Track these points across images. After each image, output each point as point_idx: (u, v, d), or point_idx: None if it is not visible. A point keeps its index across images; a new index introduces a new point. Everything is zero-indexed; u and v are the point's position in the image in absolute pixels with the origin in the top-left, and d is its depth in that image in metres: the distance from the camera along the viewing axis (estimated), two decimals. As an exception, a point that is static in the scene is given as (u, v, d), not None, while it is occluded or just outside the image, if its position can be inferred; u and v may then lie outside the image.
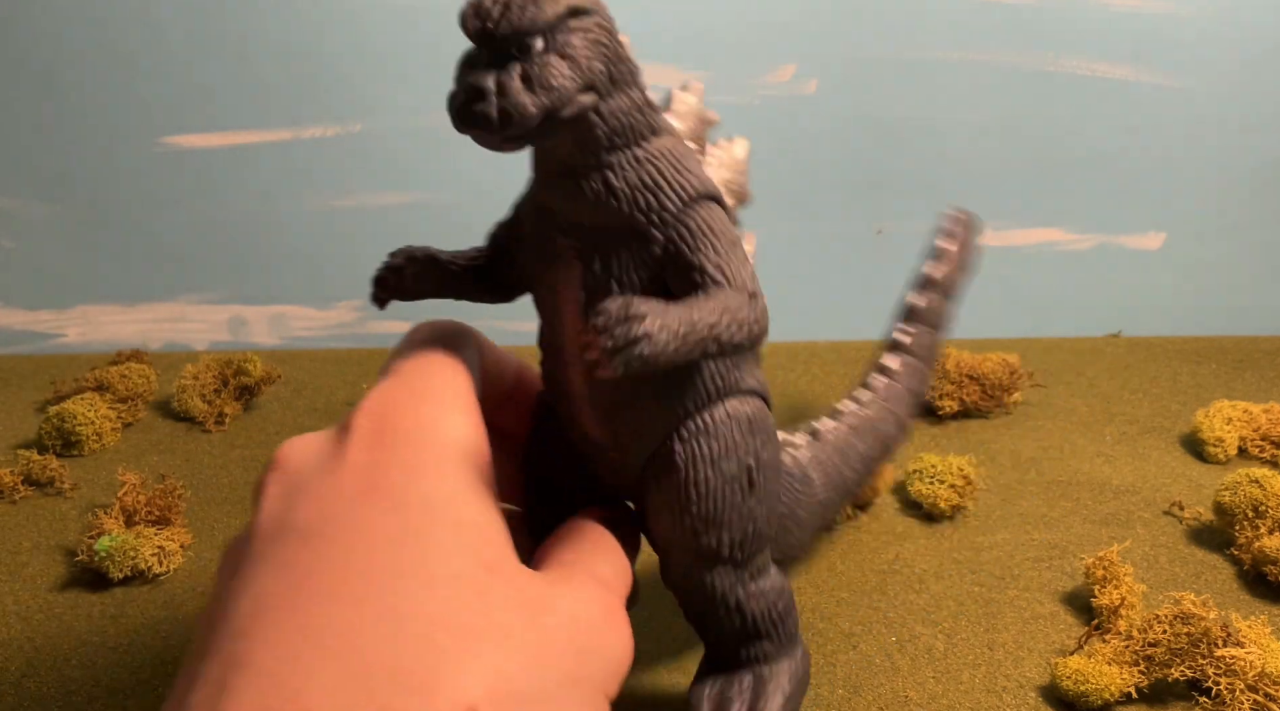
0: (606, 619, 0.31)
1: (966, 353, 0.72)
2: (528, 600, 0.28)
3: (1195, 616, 0.45)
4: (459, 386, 0.32)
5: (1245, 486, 0.55)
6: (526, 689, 0.26)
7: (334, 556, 0.26)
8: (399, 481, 0.28)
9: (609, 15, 0.31)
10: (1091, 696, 0.44)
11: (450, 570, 0.27)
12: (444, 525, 0.27)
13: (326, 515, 0.27)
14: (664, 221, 0.32)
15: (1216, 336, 0.84)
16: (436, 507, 0.28)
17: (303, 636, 0.24)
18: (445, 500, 0.28)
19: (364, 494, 0.27)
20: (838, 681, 0.47)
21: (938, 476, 0.59)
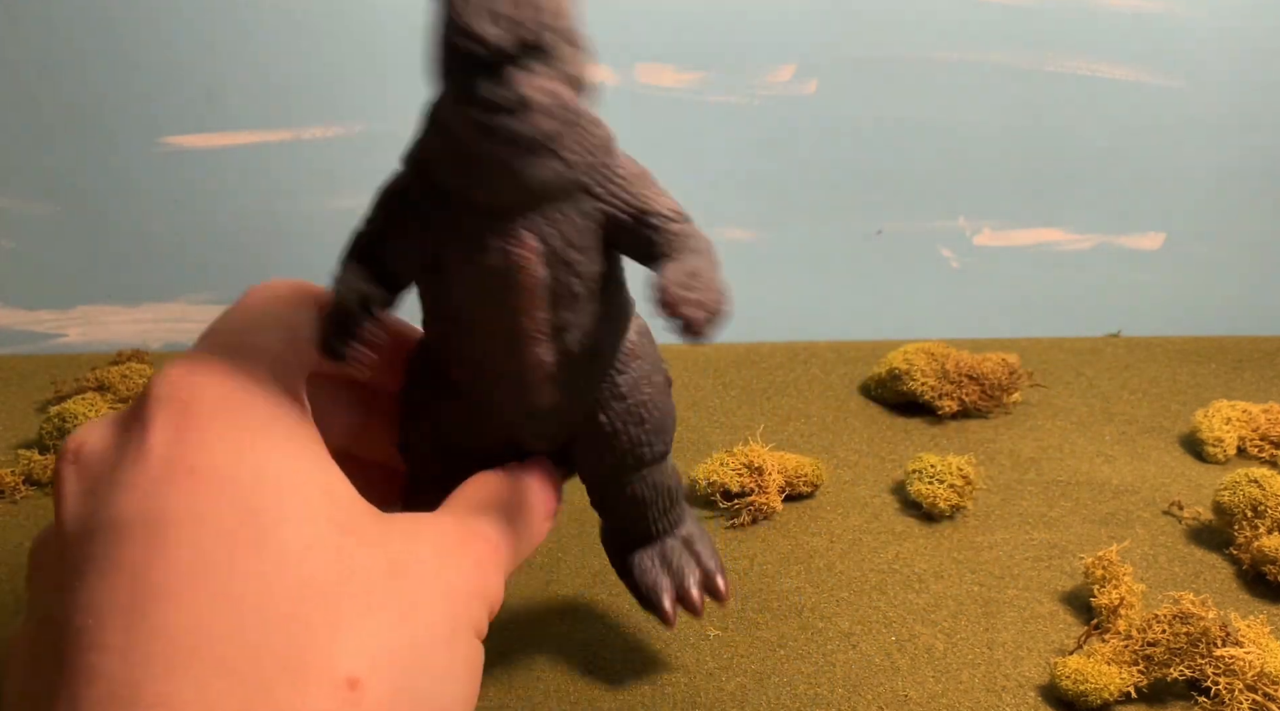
0: (475, 564, 0.29)
1: (966, 352, 0.72)
2: (390, 556, 0.27)
3: (1194, 616, 0.45)
4: (274, 348, 0.29)
5: (1244, 486, 0.55)
6: (403, 648, 0.25)
7: (169, 549, 0.24)
8: (222, 459, 0.26)
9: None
10: (1091, 696, 0.44)
11: (302, 541, 0.25)
12: (284, 495, 0.26)
13: (147, 506, 0.25)
14: (605, 178, 0.32)
15: (1216, 336, 0.84)
16: (271, 479, 0.26)
17: (155, 638, 0.23)
18: (279, 470, 0.26)
19: (184, 477, 0.25)
20: (837, 681, 0.47)
21: (937, 476, 0.59)
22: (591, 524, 0.59)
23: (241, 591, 0.24)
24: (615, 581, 0.54)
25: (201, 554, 0.24)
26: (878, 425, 0.70)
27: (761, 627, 0.51)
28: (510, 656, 0.49)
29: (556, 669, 0.48)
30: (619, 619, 0.51)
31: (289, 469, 0.26)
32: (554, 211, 0.31)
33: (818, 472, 0.61)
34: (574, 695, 0.46)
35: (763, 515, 0.59)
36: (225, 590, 0.24)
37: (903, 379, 0.71)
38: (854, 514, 0.60)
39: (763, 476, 0.59)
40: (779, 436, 0.68)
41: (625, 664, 0.48)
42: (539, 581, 0.54)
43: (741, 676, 0.47)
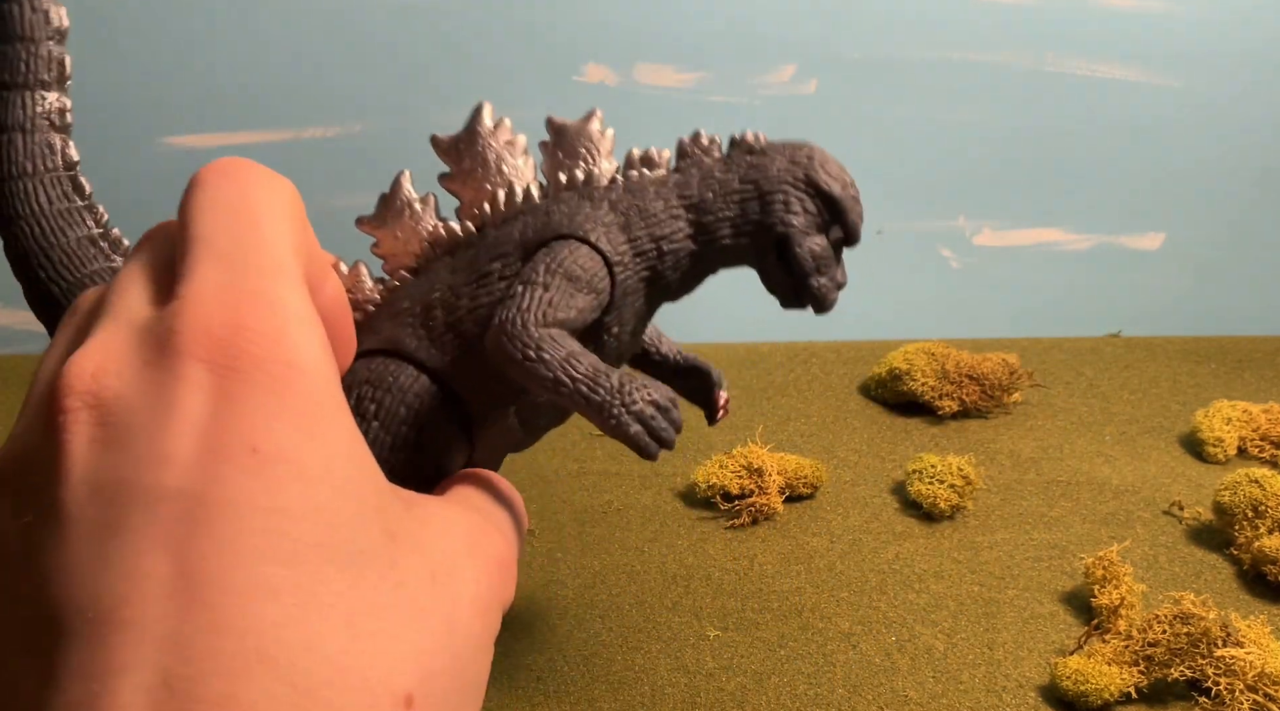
0: (505, 564, 0.29)
1: (966, 352, 0.72)
2: (433, 565, 0.26)
3: (1195, 616, 0.45)
4: (304, 285, 0.26)
5: (1245, 486, 0.55)
6: (448, 661, 0.25)
7: (232, 538, 0.22)
8: (291, 448, 0.23)
9: None
10: (1091, 696, 0.44)
11: (357, 546, 0.24)
12: (344, 495, 0.24)
13: (198, 483, 0.22)
14: None
15: (1216, 336, 0.84)
16: (335, 473, 0.24)
17: (220, 634, 0.21)
18: (345, 463, 0.24)
19: (245, 457, 0.23)
20: (838, 681, 0.47)
21: (938, 476, 0.59)
22: (591, 524, 0.59)
23: (308, 597, 0.22)
24: (615, 581, 0.54)
25: (268, 549, 0.22)
26: (878, 425, 0.70)
27: (761, 627, 0.51)
28: (510, 656, 0.49)
29: (556, 669, 0.48)
30: (619, 619, 0.51)
31: (346, 462, 0.24)
32: None
33: (818, 473, 0.61)
34: (574, 695, 0.46)
35: (763, 516, 0.59)
36: (293, 593, 0.22)
37: (903, 379, 0.71)
38: (854, 514, 0.60)
39: (763, 477, 0.59)
40: (779, 436, 0.68)
41: (625, 664, 0.48)
42: (539, 581, 0.54)
43: (741, 676, 0.47)
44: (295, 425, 0.23)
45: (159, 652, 0.21)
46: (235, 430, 0.23)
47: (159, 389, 0.23)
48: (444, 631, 0.25)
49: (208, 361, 0.23)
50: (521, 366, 0.32)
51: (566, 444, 0.67)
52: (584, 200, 0.35)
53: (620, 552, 0.56)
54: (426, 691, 0.24)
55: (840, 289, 0.36)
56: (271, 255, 0.25)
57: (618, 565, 0.55)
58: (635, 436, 0.31)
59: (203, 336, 0.23)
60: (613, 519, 0.60)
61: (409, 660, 0.23)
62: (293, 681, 0.21)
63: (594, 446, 0.67)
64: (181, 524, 0.22)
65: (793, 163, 0.35)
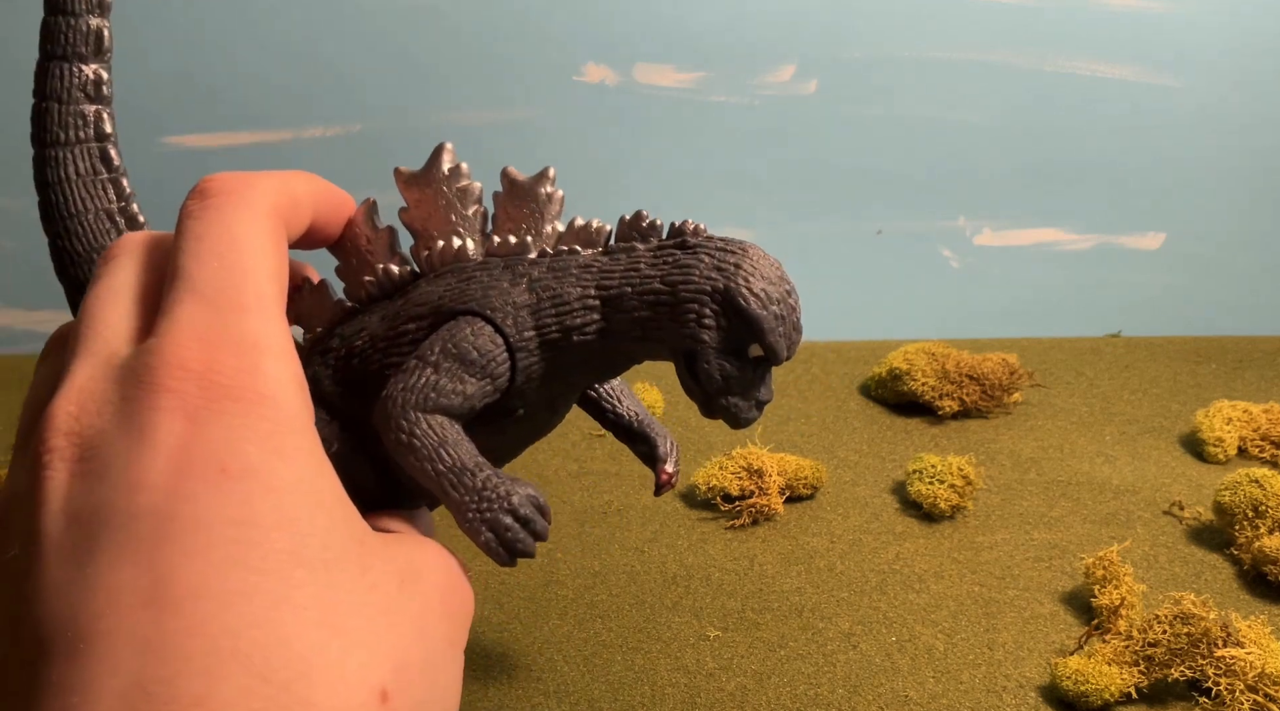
0: (461, 579, 0.30)
1: (966, 352, 0.72)
2: (400, 570, 0.27)
3: (1195, 616, 0.45)
4: (282, 317, 0.28)
5: (1245, 486, 0.55)
6: (418, 659, 0.26)
7: (199, 549, 0.23)
8: (260, 465, 0.25)
9: None
10: (1091, 696, 0.44)
11: (330, 553, 0.25)
12: (314, 505, 0.25)
13: (165, 501, 0.24)
14: None
15: (1216, 336, 0.84)
16: (304, 487, 0.25)
17: (192, 636, 0.22)
18: (312, 479, 0.26)
19: (216, 477, 0.24)
20: (838, 681, 0.47)
21: (938, 476, 0.59)
22: (591, 524, 0.59)
23: (280, 598, 0.23)
24: (615, 581, 0.54)
25: (239, 557, 0.23)
26: (878, 425, 0.70)
27: (762, 628, 0.51)
28: (510, 656, 0.49)
29: (556, 669, 0.48)
30: (619, 619, 0.51)
31: (314, 476, 0.26)
32: None
33: (818, 474, 0.61)
34: (574, 695, 0.46)
35: (763, 516, 0.59)
36: (264, 595, 0.23)
37: (903, 379, 0.71)
38: (854, 514, 0.60)
39: (763, 478, 0.59)
40: (779, 436, 0.68)
41: (625, 664, 0.48)
42: (539, 581, 0.54)
43: (741, 676, 0.47)
44: (263, 446, 0.25)
45: (135, 659, 0.22)
46: (205, 453, 0.24)
47: (137, 422, 0.25)
48: (415, 632, 0.26)
49: (182, 395, 0.25)
50: (395, 447, 0.31)
51: (566, 444, 0.67)
52: (506, 272, 0.33)
53: (620, 552, 0.56)
54: (401, 687, 0.24)
55: (761, 406, 0.33)
56: (252, 290, 0.27)
57: (618, 565, 0.55)
58: (485, 544, 0.30)
59: (178, 372, 0.25)
60: (613, 519, 0.60)
61: (383, 656, 0.24)
62: (267, 677, 0.22)
63: (594, 446, 0.67)
64: (154, 540, 0.23)
65: (717, 270, 0.32)
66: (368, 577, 0.26)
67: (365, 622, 0.25)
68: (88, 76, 0.41)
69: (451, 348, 0.32)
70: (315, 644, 0.23)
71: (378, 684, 0.24)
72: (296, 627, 0.23)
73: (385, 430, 0.32)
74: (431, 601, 0.27)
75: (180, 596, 0.23)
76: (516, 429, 0.35)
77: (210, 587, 0.23)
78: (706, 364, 0.32)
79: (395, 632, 0.25)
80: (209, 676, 0.22)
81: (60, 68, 0.41)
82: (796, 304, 0.33)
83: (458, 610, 0.29)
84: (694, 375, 0.33)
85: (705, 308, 0.32)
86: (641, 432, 0.41)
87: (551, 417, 0.36)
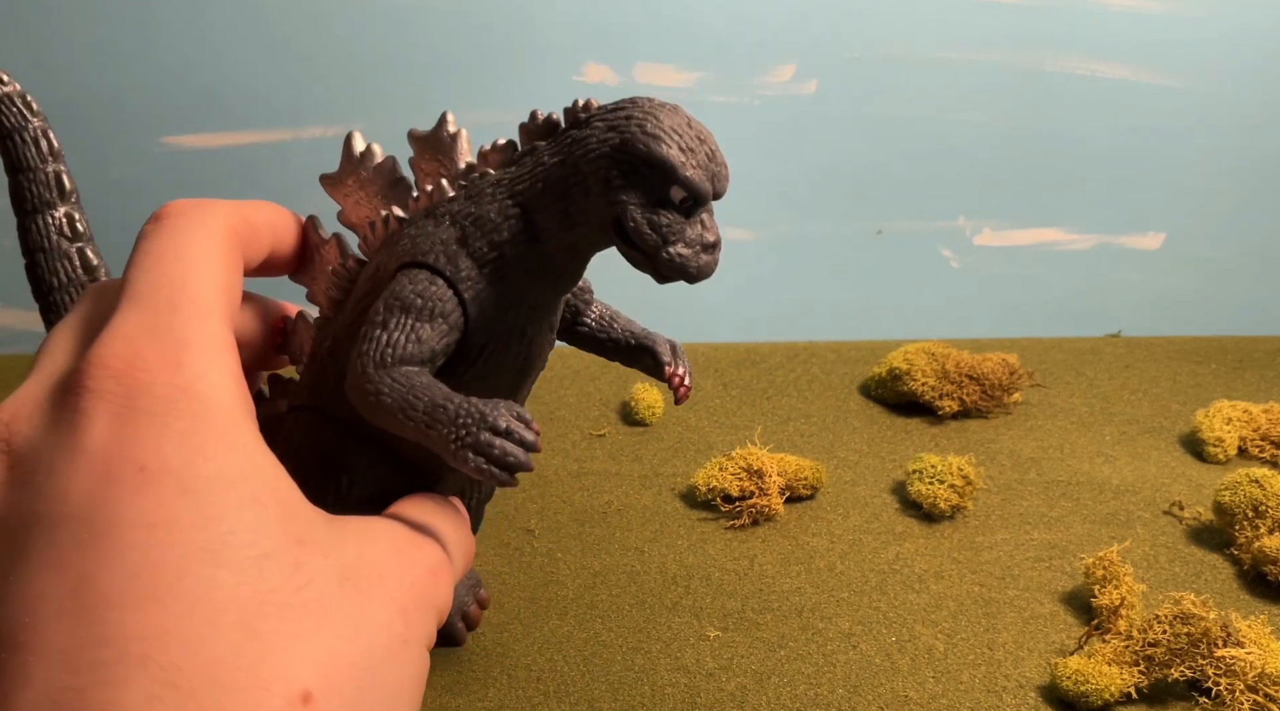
0: (428, 572, 0.29)
1: (966, 352, 0.72)
2: (344, 566, 0.26)
3: (1195, 616, 0.45)
4: (219, 319, 0.27)
5: (1245, 486, 0.55)
6: (357, 660, 0.25)
7: (115, 552, 0.23)
8: (178, 462, 0.24)
9: None
10: (1091, 696, 0.44)
11: (259, 550, 0.24)
12: (242, 503, 0.24)
13: (91, 505, 0.23)
14: None
15: (1216, 336, 0.84)
16: (231, 484, 0.24)
17: (103, 645, 0.22)
18: (239, 475, 0.25)
19: (132, 476, 0.24)
20: (838, 681, 0.47)
21: (938, 476, 0.59)
22: (591, 524, 0.59)
23: (194, 602, 0.23)
24: (615, 581, 0.54)
25: (154, 560, 0.23)
26: (878, 425, 0.70)
27: (762, 628, 0.51)
28: (510, 656, 0.49)
29: (556, 669, 0.48)
30: (619, 619, 0.51)
31: (241, 472, 0.25)
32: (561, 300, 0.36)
33: (818, 475, 0.61)
34: (574, 695, 0.46)
35: (763, 516, 0.59)
36: (178, 598, 0.23)
37: (903, 379, 0.71)
38: (854, 514, 0.60)
39: (763, 479, 0.59)
40: (779, 436, 0.68)
41: (625, 664, 0.48)
42: (539, 581, 0.54)
43: (741, 676, 0.47)
44: (183, 444, 0.24)
45: (49, 669, 0.22)
46: (125, 453, 0.24)
47: (64, 427, 0.25)
48: (352, 630, 0.25)
49: (105, 394, 0.25)
50: (369, 412, 0.31)
51: (566, 444, 0.67)
52: (428, 219, 0.33)
53: (620, 552, 0.56)
54: (329, 689, 0.24)
55: (711, 250, 0.31)
56: (189, 292, 0.27)
57: (618, 565, 0.55)
58: (476, 469, 0.29)
59: (100, 372, 0.25)
60: (613, 519, 0.60)
61: (309, 658, 0.24)
62: (176, 684, 0.22)
63: (594, 446, 0.67)
64: (74, 546, 0.23)
65: (611, 129, 0.31)
66: (300, 575, 0.25)
67: (289, 624, 0.24)
68: (61, 219, 0.46)
69: (395, 301, 0.32)
70: (231, 647, 0.23)
71: (299, 687, 0.23)
72: (210, 631, 0.23)
73: (356, 402, 0.31)
74: (380, 598, 0.26)
75: (94, 603, 0.22)
76: (498, 367, 0.34)
77: (124, 593, 0.23)
78: (633, 222, 0.31)
79: (327, 631, 0.24)
80: (115, 685, 0.22)
81: (35, 222, 0.46)
82: (707, 136, 0.31)
83: (418, 605, 0.28)
84: (628, 241, 0.31)
85: (610, 170, 0.31)
86: (639, 345, 0.40)
87: (529, 349, 0.35)
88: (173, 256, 0.28)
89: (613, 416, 0.71)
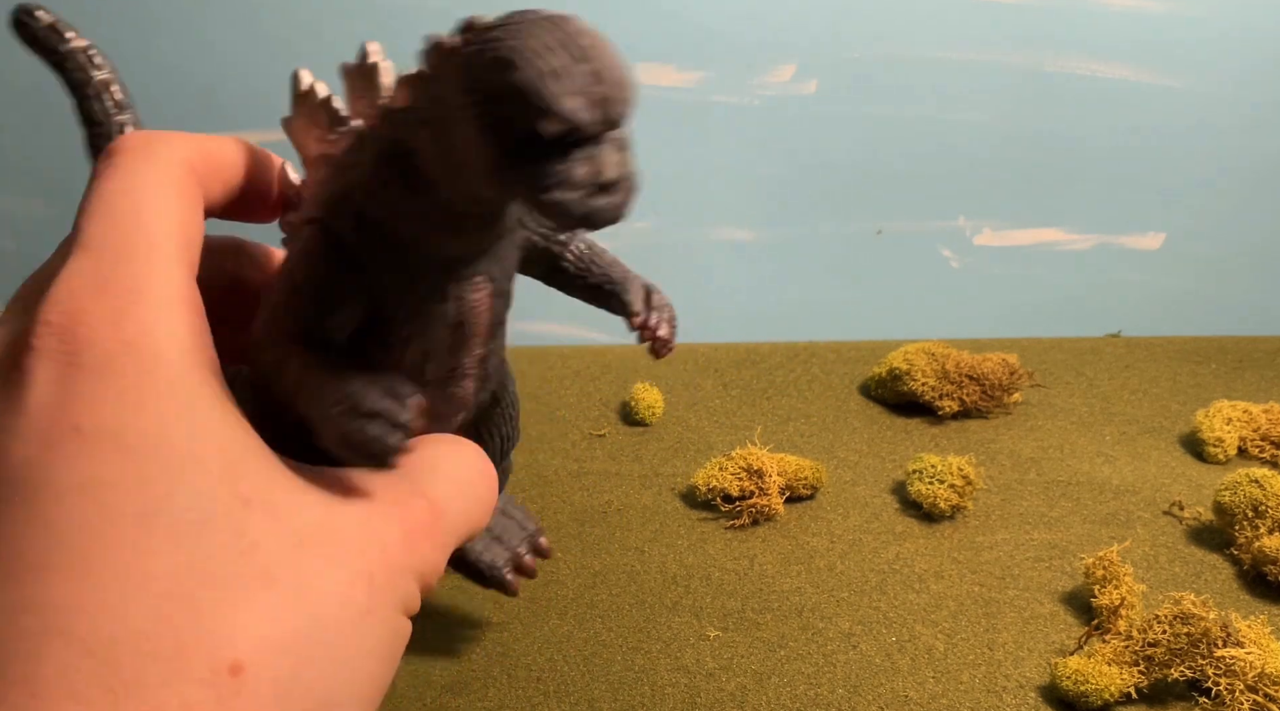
0: (405, 534, 0.26)
1: (966, 352, 0.72)
2: (299, 527, 0.24)
3: (1195, 616, 0.45)
4: (173, 265, 0.25)
5: (1245, 486, 0.55)
6: (299, 628, 0.23)
7: (46, 516, 0.22)
8: (114, 421, 0.23)
9: None
10: (1091, 696, 0.44)
11: (198, 514, 0.23)
12: (181, 462, 0.23)
13: (27, 468, 0.22)
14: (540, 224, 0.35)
15: (1216, 336, 0.84)
16: (172, 445, 0.23)
17: (25, 613, 0.21)
18: (183, 434, 0.23)
19: (68, 437, 0.23)
20: (838, 681, 0.47)
21: (938, 476, 0.59)
22: (591, 524, 0.59)
23: (123, 569, 0.22)
24: (615, 581, 0.54)
25: (84, 524, 0.22)
26: (878, 425, 0.70)
27: (762, 627, 0.51)
28: (510, 656, 0.49)
29: (556, 669, 0.48)
30: (619, 619, 0.51)
31: (186, 430, 0.23)
32: (501, 249, 0.31)
33: (818, 475, 0.61)
34: (574, 695, 0.46)
35: (763, 516, 0.59)
36: (105, 566, 0.22)
37: (903, 379, 0.71)
38: (854, 514, 0.60)
39: (763, 479, 0.59)
40: (779, 436, 0.68)
41: (625, 664, 0.48)
42: (539, 581, 0.54)
43: (741, 676, 0.47)
44: (122, 400, 0.23)
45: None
46: (63, 413, 0.23)
47: (10, 389, 0.23)
48: (294, 598, 0.23)
49: (48, 352, 0.23)
50: (264, 389, 0.28)
51: (566, 444, 0.68)
52: (331, 168, 0.30)
53: (620, 552, 0.56)
54: (265, 660, 0.23)
55: (611, 188, 0.25)
56: (141, 238, 0.25)
57: (618, 565, 0.55)
58: (349, 461, 0.26)
59: (44, 329, 0.24)
60: (613, 519, 0.60)
61: (242, 627, 0.22)
62: (96, 654, 0.21)
63: (594, 446, 0.67)
64: (9, 510, 0.22)
65: (464, 71, 0.25)
66: (243, 541, 0.23)
67: (225, 592, 0.23)
68: None
69: (286, 272, 0.29)
70: (157, 617, 0.22)
71: (228, 657, 0.22)
72: (138, 599, 0.22)
73: (254, 371, 0.29)
74: (337, 563, 0.24)
75: (21, 569, 0.22)
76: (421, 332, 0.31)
77: (51, 559, 0.22)
78: (503, 172, 0.25)
79: (266, 597, 0.23)
80: (34, 657, 0.21)
81: None
82: (596, 52, 0.26)
83: (389, 572, 0.25)
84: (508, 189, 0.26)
85: (470, 109, 0.25)
86: (610, 291, 0.37)
87: (459, 308, 0.30)
88: (123, 197, 0.26)
89: (613, 416, 0.71)
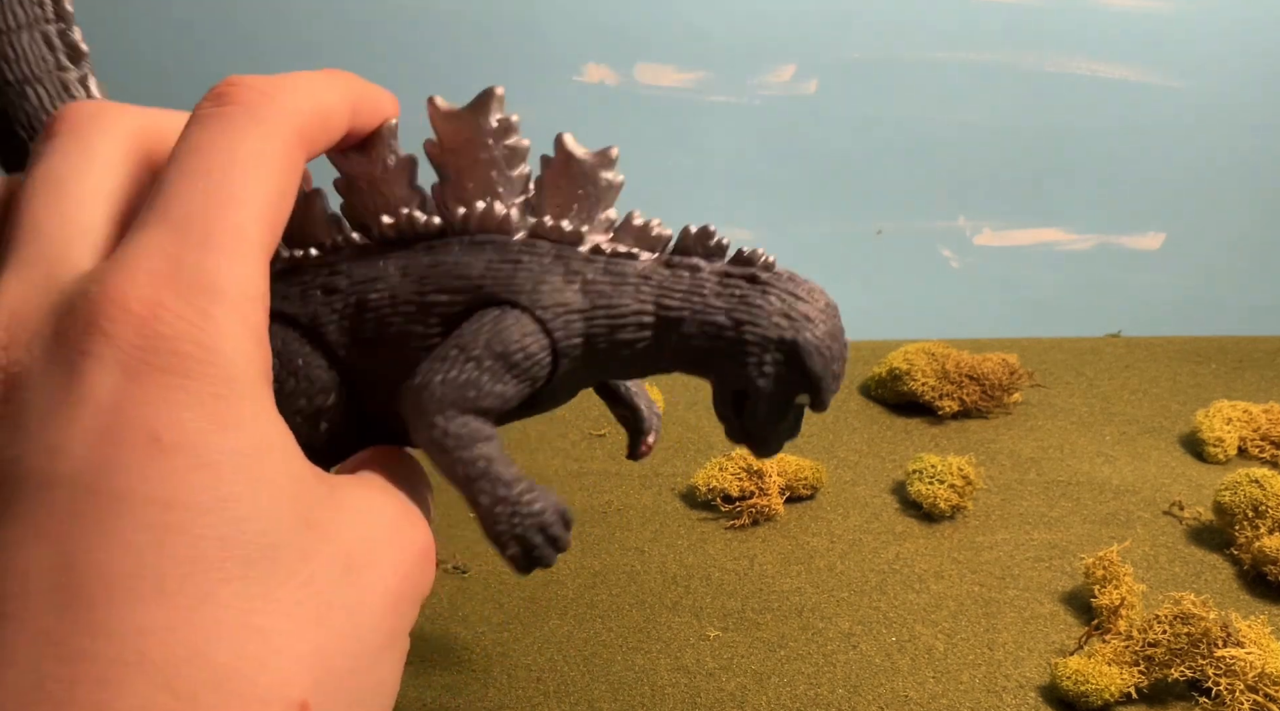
0: (423, 554, 0.26)
1: (966, 352, 0.72)
2: (348, 552, 0.23)
3: (1195, 616, 0.45)
4: (255, 261, 0.24)
5: (1245, 486, 0.55)
6: (349, 659, 0.23)
7: (124, 534, 0.20)
8: (196, 436, 0.21)
9: None
10: (1091, 696, 0.44)
11: (269, 539, 0.22)
12: (257, 484, 0.22)
13: (88, 471, 0.21)
14: None
15: (1216, 336, 0.84)
16: (246, 462, 0.22)
17: (100, 635, 0.20)
18: (258, 451, 0.22)
19: (145, 446, 0.21)
20: (838, 681, 0.47)
21: (938, 476, 0.59)
22: (591, 525, 0.59)
23: (202, 595, 0.21)
24: (615, 581, 0.54)
25: (164, 544, 0.20)
26: (878, 425, 0.70)
27: (762, 627, 0.51)
28: (510, 656, 0.49)
29: (556, 669, 0.48)
30: (619, 619, 0.51)
31: (259, 448, 0.22)
32: None
33: (818, 475, 0.61)
34: (574, 695, 0.46)
35: (763, 516, 0.59)
36: (184, 592, 0.20)
37: (903, 379, 0.71)
38: (854, 514, 0.60)
39: (763, 479, 0.59)
40: (779, 436, 0.68)
41: (625, 664, 0.48)
42: (539, 581, 0.54)
43: (741, 676, 0.47)
44: (204, 413, 0.21)
45: (36, 651, 0.20)
46: (137, 416, 0.21)
47: (67, 366, 0.21)
48: (350, 629, 0.23)
49: (118, 341, 0.21)
50: (426, 444, 0.30)
51: (566, 444, 0.67)
52: (558, 264, 0.31)
53: (620, 552, 0.56)
54: (324, 695, 0.22)
55: (791, 438, 0.33)
56: (231, 223, 0.23)
57: (618, 565, 0.55)
58: (512, 558, 0.29)
59: (119, 312, 0.22)
60: (613, 519, 0.60)
61: (306, 663, 0.22)
62: (174, 689, 0.20)
63: (594, 446, 0.67)
64: (70, 516, 0.20)
65: (786, 317, 0.31)
66: (307, 568, 0.22)
67: (293, 624, 0.22)
68: None
69: (498, 346, 0.30)
70: (233, 651, 0.21)
71: (298, 696, 0.21)
72: (215, 631, 0.20)
73: (416, 422, 0.30)
74: (376, 589, 0.24)
75: (90, 586, 0.20)
76: (522, 412, 0.34)
77: (126, 579, 0.20)
78: (757, 407, 0.31)
79: (325, 633, 0.22)
80: (109, 684, 0.20)
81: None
82: (844, 346, 0.32)
83: (408, 593, 0.25)
84: (739, 412, 0.32)
85: (768, 354, 0.31)
86: (629, 402, 0.40)
87: (560, 403, 0.35)
88: (223, 163, 0.24)
89: (613, 416, 0.71)
